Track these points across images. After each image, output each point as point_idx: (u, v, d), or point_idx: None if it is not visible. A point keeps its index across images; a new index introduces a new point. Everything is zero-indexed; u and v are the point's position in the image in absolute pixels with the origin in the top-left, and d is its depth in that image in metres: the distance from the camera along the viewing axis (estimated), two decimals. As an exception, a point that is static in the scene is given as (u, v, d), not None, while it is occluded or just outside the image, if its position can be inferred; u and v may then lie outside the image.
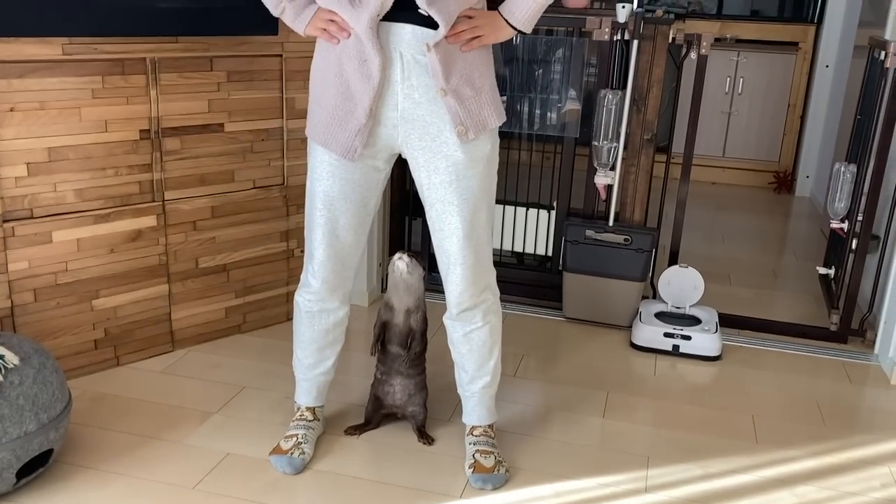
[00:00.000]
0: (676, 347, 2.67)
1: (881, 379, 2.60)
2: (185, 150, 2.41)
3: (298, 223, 2.70)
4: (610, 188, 2.85)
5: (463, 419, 2.09)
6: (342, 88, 1.76)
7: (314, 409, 2.11)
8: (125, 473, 1.94)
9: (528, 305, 3.04)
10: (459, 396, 2.08)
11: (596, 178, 2.83)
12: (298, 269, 2.74)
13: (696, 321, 2.76)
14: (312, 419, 2.10)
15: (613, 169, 2.82)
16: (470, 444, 2.04)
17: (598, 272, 2.83)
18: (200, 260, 2.53)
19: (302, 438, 2.03)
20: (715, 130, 4.95)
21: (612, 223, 2.86)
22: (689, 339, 2.66)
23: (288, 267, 2.73)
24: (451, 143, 1.78)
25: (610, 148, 2.78)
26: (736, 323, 2.91)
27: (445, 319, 1.98)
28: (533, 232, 3.06)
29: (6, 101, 2.08)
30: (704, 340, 2.66)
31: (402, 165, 1.91)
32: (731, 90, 4.88)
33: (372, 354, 2.12)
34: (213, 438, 2.11)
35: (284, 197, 2.65)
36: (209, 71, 2.40)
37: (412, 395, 2.13)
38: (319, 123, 1.82)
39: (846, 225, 2.84)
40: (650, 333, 2.70)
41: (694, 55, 2.73)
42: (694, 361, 2.66)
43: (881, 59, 2.72)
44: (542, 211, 3.02)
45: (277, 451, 2.01)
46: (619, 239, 2.81)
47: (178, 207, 2.44)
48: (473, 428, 2.07)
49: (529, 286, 3.06)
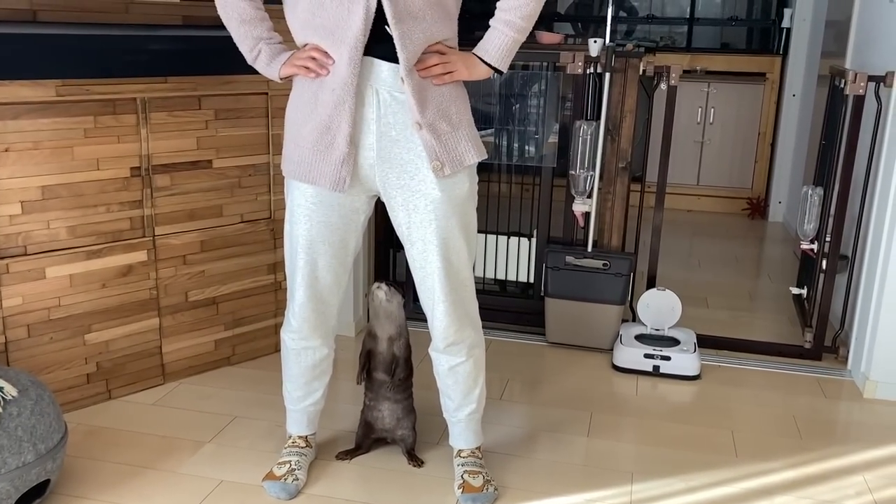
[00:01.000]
0: (657, 368, 2.75)
1: (854, 393, 2.68)
2: (174, 186, 2.48)
3: (286, 256, 2.76)
4: (588, 215, 2.94)
5: (450, 442, 2.13)
6: (318, 122, 1.77)
7: (306, 436, 2.16)
8: (121, 503, 1.98)
9: (511, 332, 3.10)
10: (446, 420, 2.13)
11: (574, 205, 2.92)
12: (286, 301, 2.78)
13: (675, 342, 2.84)
14: (305, 446, 2.14)
15: (590, 197, 2.92)
16: (458, 465, 2.09)
17: (578, 297, 2.91)
18: (190, 293, 2.58)
19: (295, 465, 2.08)
20: (688, 159, 5.09)
21: (590, 249, 2.95)
22: (668, 359, 2.74)
23: (276, 299, 2.79)
24: (428, 181, 1.80)
25: (587, 176, 2.88)
26: (714, 343, 3.00)
27: (431, 352, 2.02)
28: (514, 259, 3.14)
29: (1, 141, 2.14)
30: (684, 360, 2.74)
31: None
32: (702, 120, 5.02)
33: (358, 383, 2.17)
34: (206, 467, 2.14)
35: (272, 230, 2.72)
36: (197, 109, 2.48)
37: (401, 419, 2.18)
38: (302, 161, 1.82)
39: (816, 246, 2.94)
40: (631, 355, 2.77)
41: (664, 86, 2.85)
42: (674, 381, 2.73)
43: (841, 86, 2.85)
44: (522, 239, 3.11)
45: (271, 476, 2.05)
46: (598, 264, 2.90)
47: (168, 242, 2.50)
48: (461, 450, 2.11)
49: (512, 313, 3.14)
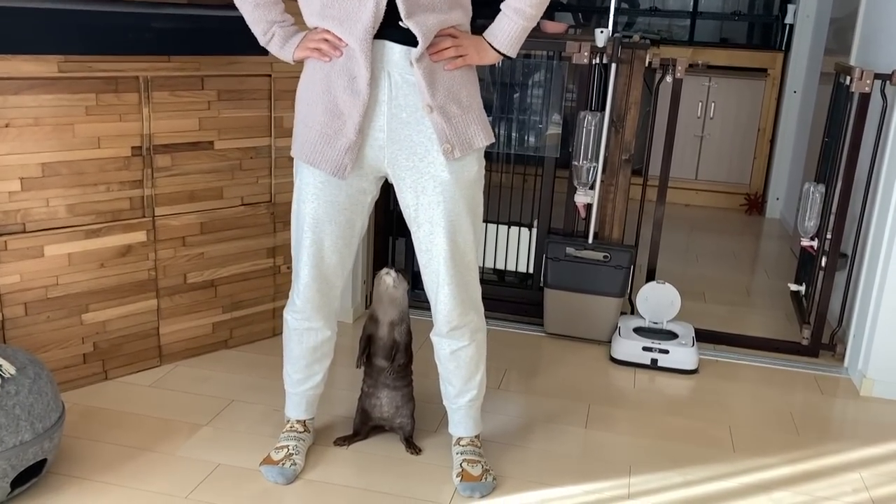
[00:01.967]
0: (655, 361, 2.75)
1: (851, 390, 2.69)
2: (175, 167, 2.46)
3: (285, 240, 2.74)
4: (589, 207, 2.93)
5: (449, 430, 2.13)
6: (330, 106, 1.78)
7: (304, 421, 2.15)
8: (118, 484, 1.97)
9: (509, 321, 3.10)
10: (445, 408, 2.13)
11: (576, 197, 2.91)
12: (285, 285, 2.79)
13: (673, 336, 2.84)
14: (303, 431, 2.13)
15: (592, 188, 2.91)
16: (457, 453, 2.09)
17: (578, 288, 2.91)
18: (189, 275, 2.56)
19: (293, 449, 2.07)
20: (688, 154, 5.08)
21: (591, 241, 2.94)
22: (666, 353, 2.74)
23: (274, 283, 2.77)
24: (438, 163, 1.80)
25: (589, 168, 2.87)
26: (711, 338, 3.00)
27: (433, 336, 2.02)
28: (514, 250, 3.13)
29: (2, 116, 2.12)
30: (682, 354, 2.74)
31: (385, 186, 1.96)
32: (703, 114, 5.01)
33: (358, 367, 2.17)
34: (203, 450, 2.13)
35: (272, 214, 2.70)
36: (200, 90, 2.45)
37: (399, 407, 2.17)
38: (307, 142, 1.83)
39: (816, 243, 2.95)
40: (629, 348, 2.77)
41: (669, 79, 2.83)
42: (672, 375, 2.73)
43: (847, 84, 2.84)
44: (523, 229, 3.10)
45: (268, 461, 2.04)
46: (598, 256, 2.89)
47: (167, 223, 2.48)
48: (460, 438, 2.11)
49: (511, 303, 3.13)
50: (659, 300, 2.90)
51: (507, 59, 1.87)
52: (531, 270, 3.13)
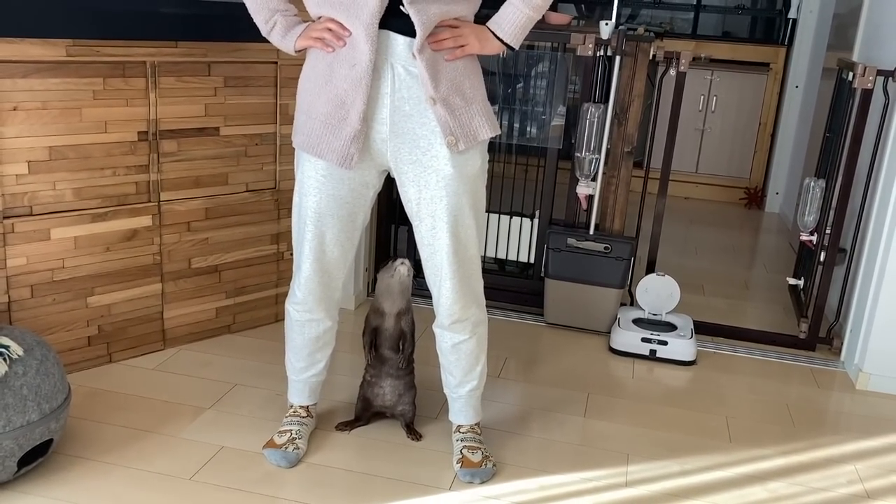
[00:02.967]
0: (653, 352, 2.77)
1: (847, 384, 2.72)
2: (181, 152, 2.47)
3: (289, 227, 2.75)
4: (591, 198, 2.95)
5: (450, 418, 2.15)
6: (332, 96, 1.77)
7: (307, 406, 2.17)
8: (123, 465, 1.99)
9: (510, 311, 3.12)
10: (446, 396, 2.15)
11: (578, 188, 2.93)
12: (288, 271, 2.81)
13: (672, 327, 2.87)
14: (306, 415, 2.16)
15: (594, 180, 2.93)
16: (457, 440, 2.11)
17: (578, 279, 2.93)
18: (193, 260, 2.58)
19: (296, 434, 2.09)
20: (688, 147, 5.10)
21: (592, 232, 2.96)
22: (665, 344, 2.77)
23: (278, 269, 2.79)
24: (441, 157, 1.80)
25: (592, 159, 2.89)
26: (710, 330, 3.03)
27: (435, 328, 2.03)
28: (516, 240, 3.15)
29: (10, 99, 2.13)
30: (680, 346, 2.76)
31: (388, 176, 1.97)
32: (704, 108, 5.03)
33: (368, 362, 2.18)
34: (206, 432, 2.16)
35: (276, 200, 2.72)
36: (207, 76, 2.46)
37: (402, 394, 2.20)
38: (312, 133, 1.82)
39: (815, 237, 2.97)
40: (628, 338, 2.80)
41: (673, 72, 2.85)
42: (670, 366, 2.76)
43: (849, 79, 2.86)
44: (524, 219, 3.12)
45: (272, 444, 2.07)
46: (599, 247, 2.91)
47: (172, 208, 2.49)
48: (460, 426, 2.13)
49: (511, 292, 3.15)
50: (658, 292, 2.93)
51: (510, 49, 1.86)
52: (532, 260, 3.15)
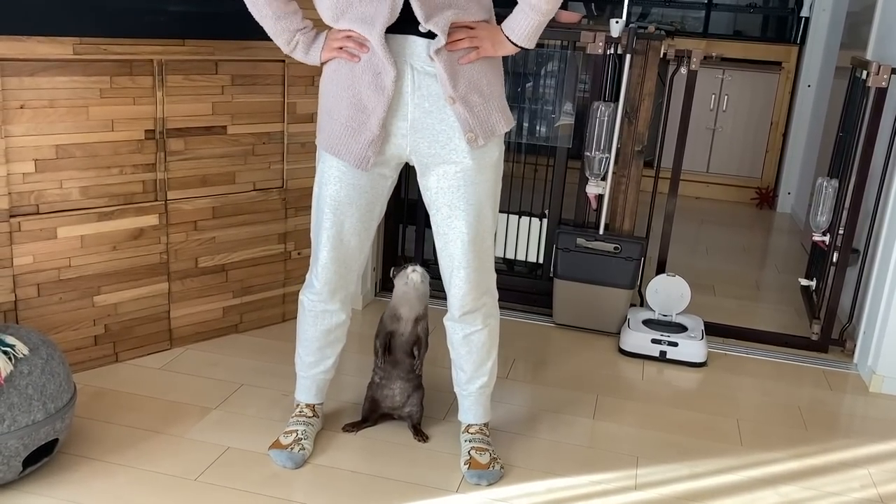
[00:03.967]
0: (663, 353, 2.75)
1: (860, 386, 2.68)
2: (188, 151, 2.46)
3: (296, 226, 2.75)
4: (601, 198, 2.93)
5: (459, 417, 2.14)
6: (355, 100, 1.81)
7: (314, 405, 2.16)
8: (128, 465, 1.98)
9: (518, 311, 3.10)
10: (454, 396, 2.13)
11: (587, 187, 2.91)
12: (295, 271, 2.79)
13: (682, 328, 2.84)
14: (312, 415, 2.14)
15: (604, 179, 2.90)
16: (465, 441, 2.10)
17: (587, 279, 2.90)
18: (200, 259, 2.57)
19: (302, 434, 2.08)
20: (700, 146, 5.06)
21: (602, 232, 2.94)
22: (675, 345, 2.74)
23: (285, 269, 2.78)
24: (460, 150, 1.83)
25: (601, 159, 2.86)
26: (720, 331, 3.00)
27: (446, 321, 2.03)
28: (525, 240, 3.12)
29: (17, 98, 2.12)
30: (691, 347, 2.73)
31: (399, 174, 1.97)
32: (715, 107, 4.99)
33: (379, 365, 2.17)
34: (212, 433, 2.14)
35: (283, 200, 2.70)
36: (214, 74, 2.45)
37: (410, 395, 2.18)
38: (332, 135, 1.86)
39: (827, 238, 2.93)
40: (638, 340, 2.77)
41: (684, 70, 2.82)
42: (680, 367, 2.73)
43: (863, 78, 2.82)
44: (533, 219, 3.09)
45: (277, 445, 2.06)
46: (608, 247, 2.88)
47: (179, 207, 2.48)
48: (469, 426, 2.12)
49: (520, 293, 3.13)
50: (669, 293, 2.90)
51: (524, 50, 1.87)
52: (541, 260, 3.12)
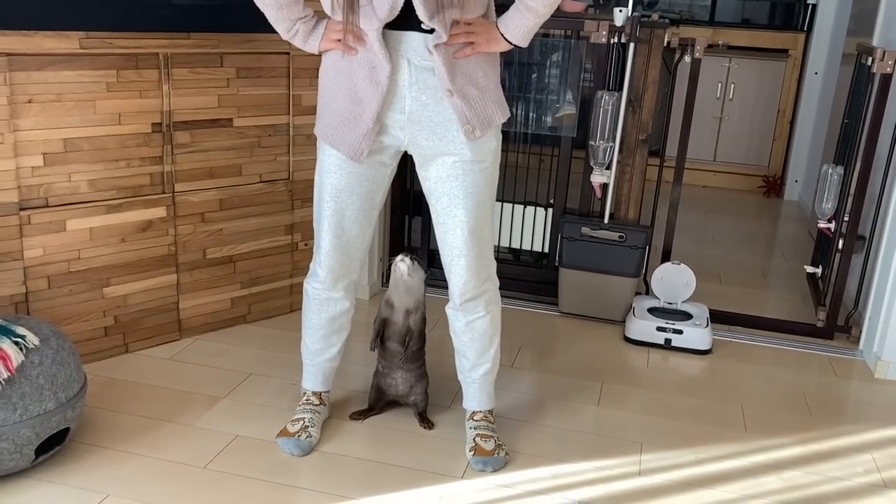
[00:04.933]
0: (668, 341, 2.76)
1: (865, 373, 2.69)
2: (194, 143, 2.48)
3: (303, 217, 2.77)
4: (605, 187, 2.93)
5: (463, 405, 2.16)
6: (351, 93, 1.83)
7: (320, 393, 2.18)
8: (138, 453, 2.01)
9: (524, 300, 3.12)
10: (459, 384, 2.15)
11: (592, 176, 2.92)
12: (302, 261, 2.82)
13: (687, 316, 2.85)
14: (319, 403, 2.17)
15: (609, 168, 2.91)
16: (470, 428, 2.12)
17: (593, 268, 2.91)
18: (208, 251, 2.60)
19: (309, 422, 2.10)
20: (706, 135, 5.05)
21: (607, 221, 2.94)
22: (680, 333, 2.75)
23: (292, 259, 2.80)
24: (457, 140, 1.85)
25: (606, 148, 2.87)
26: (726, 319, 3.00)
27: (448, 309, 2.06)
28: (530, 229, 3.14)
29: (25, 92, 2.15)
30: (696, 335, 2.74)
31: (402, 164, 1.99)
32: (722, 95, 4.98)
33: (372, 350, 2.19)
34: (221, 421, 2.17)
35: (290, 191, 2.72)
36: (219, 67, 2.47)
37: (413, 385, 2.20)
38: (329, 125, 1.88)
39: (833, 225, 2.93)
40: (643, 327, 2.78)
41: (688, 59, 2.82)
42: (685, 355, 2.74)
43: (869, 64, 2.82)
44: (538, 209, 3.10)
45: (284, 433, 2.08)
46: (613, 236, 2.89)
47: (187, 199, 2.51)
48: (474, 413, 2.14)
49: (526, 282, 3.14)
50: (674, 281, 2.91)
51: (517, 48, 1.89)
52: (546, 250, 3.14)
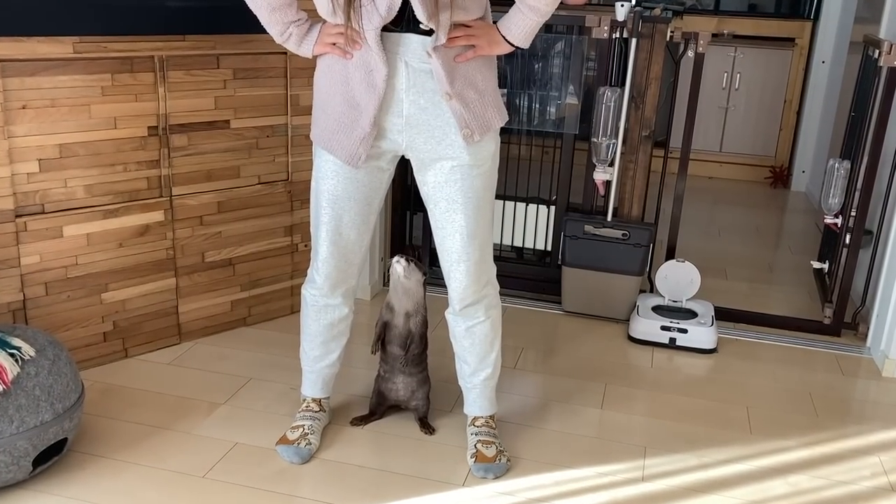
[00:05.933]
0: (673, 340, 2.73)
1: (873, 371, 2.65)
2: (191, 146, 2.46)
3: (302, 218, 2.75)
4: (608, 184, 2.90)
5: (465, 410, 2.14)
6: (348, 97, 1.80)
7: (320, 400, 2.17)
8: (137, 462, 2.00)
9: (527, 299, 3.09)
10: (461, 388, 2.13)
11: (595, 173, 2.88)
12: (302, 263, 2.79)
13: (692, 315, 2.82)
14: (318, 410, 2.15)
15: (612, 165, 2.87)
16: (472, 434, 2.10)
17: (596, 267, 2.88)
18: (207, 254, 2.58)
19: (308, 429, 2.09)
20: (712, 125, 5.00)
21: (610, 218, 2.91)
22: (685, 332, 2.72)
23: (292, 261, 2.78)
24: (456, 145, 1.82)
25: (609, 144, 2.83)
26: (731, 316, 2.97)
27: (448, 314, 2.03)
28: (532, 227, 3.11)
29: (19, 98, 2.13)
30: (700, 333, 2.71)
31: (403, 162, 1.97)
32: (728, 85, 4.92)
33: (373, 353, 2.17)
34: (221, 428, 2.16)
35: (289, 192, 2.70)
36: (216, 68, 2.44)
37: (415, 390, 2.18)
38: (326, 130, 1.86)
39: (840, 220, 2.89)
40: (647, 326, 2.76)
41: (691, 53, 2.78)
42: (690, 354, 2.71)
43: (875, 57, 2.77)
44: (541, 206, 3.07)
45: (284, 441, 2.07)
46: (617, 234, 2.86)
47: (184, 203, 2.49)
48: (475, 418, 2.12)
49: (529, 280, 3.12)
50: (678, 279, 2.88)
51: (518, 49, 1.85)
52: (549, 248, 3.11)
